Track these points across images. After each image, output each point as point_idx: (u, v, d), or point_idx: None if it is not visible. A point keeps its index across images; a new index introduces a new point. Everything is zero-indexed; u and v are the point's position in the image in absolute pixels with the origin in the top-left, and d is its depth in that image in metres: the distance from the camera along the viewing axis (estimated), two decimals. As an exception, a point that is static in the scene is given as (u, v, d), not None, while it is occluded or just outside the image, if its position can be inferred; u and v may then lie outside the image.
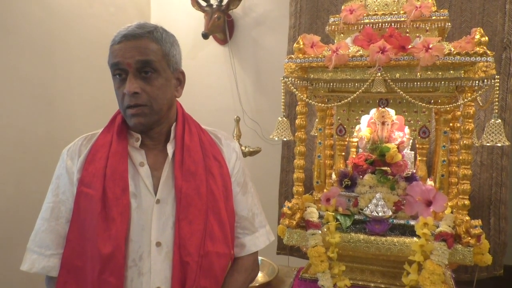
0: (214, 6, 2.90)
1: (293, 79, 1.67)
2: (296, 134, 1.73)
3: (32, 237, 1.18)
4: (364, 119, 1.90)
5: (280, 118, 1.71)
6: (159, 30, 1.18)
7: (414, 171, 1.77)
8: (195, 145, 1.23)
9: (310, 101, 1.69)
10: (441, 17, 1.66)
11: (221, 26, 2.95)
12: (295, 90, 1.68)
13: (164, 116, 1.20)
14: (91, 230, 1.11)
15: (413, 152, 1.97)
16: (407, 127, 1.80)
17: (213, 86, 3.15)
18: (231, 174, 1.30)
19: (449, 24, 1.68)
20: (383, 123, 1.85)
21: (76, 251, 1.13)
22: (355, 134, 1.93)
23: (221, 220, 1.21)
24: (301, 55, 1.69)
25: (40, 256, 1.15)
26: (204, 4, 2.93)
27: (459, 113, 1.82)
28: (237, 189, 1.31)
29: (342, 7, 1.80)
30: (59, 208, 1.17)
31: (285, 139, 1.70)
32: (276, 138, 1.69)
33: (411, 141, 1.95)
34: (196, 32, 2.99)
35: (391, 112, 1.83)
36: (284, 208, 1.72)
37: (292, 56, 1.69)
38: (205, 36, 2.85)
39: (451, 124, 1.84)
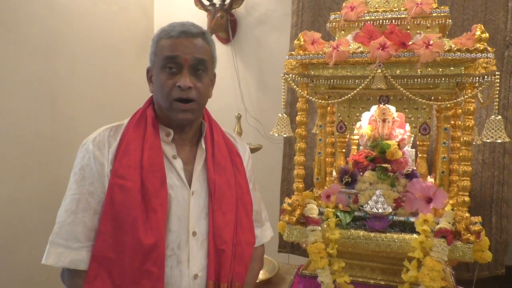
0: (217, 5, 2.90)
1: (293, 76, 1.68)
2: (296, 130, 1.74)
3: (55, 230, 1.14)
4: (365, 116, 1.90)
5: (280, 115, 1.71)
6: (207, 32, 1.25)
7: (415, 168, 1.77)
8: (221, 142, 1.31)
9: (311, 97, 1.69)
10: (442, 14, 1.66)
11: (224, 25, 2.96)
12: (295, 86, 1.68)
13: (202, 113, 1.29)
14: (130, 221, 1.10)
15: (414, 149, 1.96)
16: (408, 124, 1.80)
17: (215, 84, 3.14)
18: (246, 170, 1.38)
19: (450, 21, 1.68)
20: (384, 120, 1.85)
21: (108, 243, 1.10)
22: (355, 131, 1.93)
23: (247, 211, 1.31)
24: (301, 52, 1.69)
25: (67, 249, 1.11)
26: (207, 3, 2.94)
27: (460, 110, 1.82)
28: (250, 185, 1.39)
29: (343, 4, 1.80)
30: (86, 200, 1.14)
31: (285, 136, 1.71)
32: (277, 135, 1.70)
33: (412, 138, 1.95)
34: (199, 31, 3.00)
35: (392, 109, 1.83)
36: (284, 205, 1.72)
37: (292, 53, 1.70)
38: (208, 34, 2.86)
39: (452, 122, 1.84)
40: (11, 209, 2.15)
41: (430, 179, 1.78)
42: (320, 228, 1.65)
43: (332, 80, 1.69)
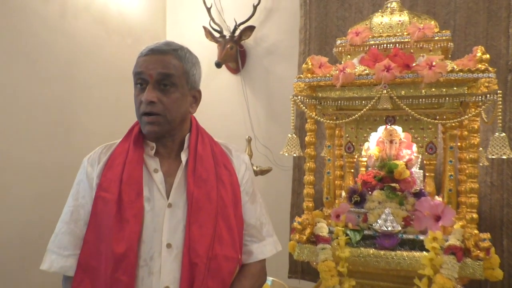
0: (227, 37, 3.02)
1: (302, 98, 1.73)
2: (305, 150, 1.78)
3: (52, 238, 1.24)
4: (373, 138, 1.94)
5: (290, 135, 1.76)
6: (184, 49, 1.27)
7: (423, 187, 1.79)
8: (207, 154, 1.30)
9: (319, 118, 1.75)
10: (444, 38, 1.73)
11: (234, 56, 3.07)
12: (304, 108, 1.73)
13: (176, 128, 1.27)
14: (107, 231, 1.16)
15: (422, 171, 1.99)
16: (415, 145, 1.84)
17: (225, 113, 3.23)
18: (240, 183, 1.35)
19: (452, 44, 1.75)
20: (391, 142, 1.89)
21: (92, 251, 1.18)
22: (363, 153, 1.97)
23: (229, 225, 1.25)
24: (309, 75, 1.76)
25: (58, 256, 1.20)
26: (217, 35, 3.06)
27: (466, 132, 1.86)
28: (245, 198, 1.36)
29: (349, 30, 1.88)
30: (78, 212, 1.23)
31: (295, 155, 1.75)
32: (286, 154, 1.74)
33: (419, 159, 1.98)
34: (209, 62, 3.10)
35: (399, 130, 1.87)
36: (295, 223, 1.75)
37: (301, 76, 1.76)
38: (218, 65, 2.96)
39: (459, 144, 1.88)
40: (28, 231, 2.20)
41: (438, 199, 1.80)
42: (330, 246, 1.67)
43: (339, 102, 1.75)
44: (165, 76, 1.19)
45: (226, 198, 1.26)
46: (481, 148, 1.89)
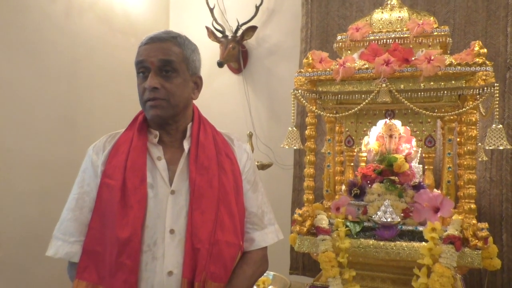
0: (229, 37, 3.06)
1: (302, 92, 1.77)
2: (306, 144, 1.81)
3: (57, 225, 1.27)
4: (373, 133, 1.97)
5: (290, 128, 1.79)
6: (182, 37, 1.31)
7: (422, 180, 1.82)
8: (209, 143, 1.33)
9: (319, 111, 1.78)
10: (442, 33, 1.76)
11: (236, 56, 3.10)
12: (304, 102, 1.76)
13: (179, 113, 1.30)
14: (111, 217, 1.19)
15: (421, 165, 2.02)
16: (414, 139, 1.87)
17: (227, 113, 3.26)
18: (242, 172, 1.38)
19: (450, 39, 1.78)
20: (390, 136, 1.92)
21: (96, 237, 1.21)
22: (363, 148, 2.00)
23: (231, 212, 1.28)
24: (310, 69, 1.79)
25: (64, 242, 1.23)
26: (219, 35, 3.10)
27: (465, 128, 1.88)
28: (247, 186, 1.39)
29: (349, 27, 1.91)
30: (83, 199, 1.26)
31: (295, 148, 1.78)
32: (287, 147, 1.77)
33: (418, 153, 2.00)
34: (211, 62, 3.13)
35: (398, 124, 1.90)
36: (295, 215, 1.77)
37: (301, 70, 1.80)
38: (220, 64, 2.99)
39: (458, 139, 1.90)
40: (33, 227, 2.23)
41: (437, 192, 1.83)
42: (330, 237, 1.69)
43: (339, 96, 1.78)
44: (166, 62, 1.22)
45: (227, 185, 1.29)
46: (479, 144, 1.92)
